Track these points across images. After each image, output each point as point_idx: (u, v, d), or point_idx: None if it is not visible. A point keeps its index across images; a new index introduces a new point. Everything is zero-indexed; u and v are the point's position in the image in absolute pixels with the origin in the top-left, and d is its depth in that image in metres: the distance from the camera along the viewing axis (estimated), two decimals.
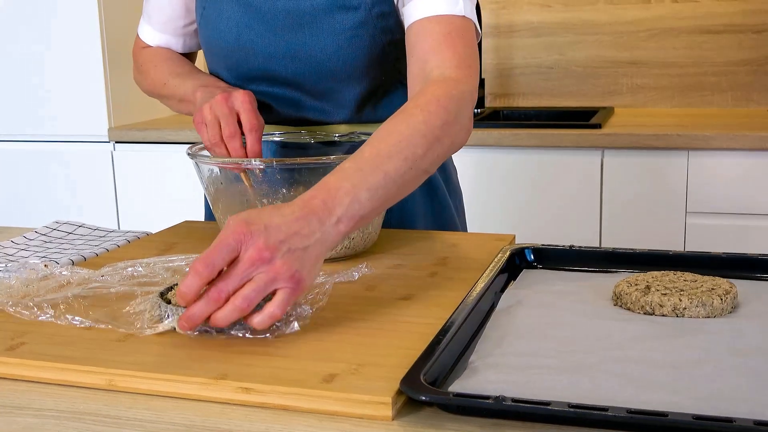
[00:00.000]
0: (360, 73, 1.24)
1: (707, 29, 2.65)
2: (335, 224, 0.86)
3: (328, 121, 1.28)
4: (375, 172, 0.91)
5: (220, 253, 0.79)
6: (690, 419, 0.61)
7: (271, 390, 0.71)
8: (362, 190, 0.89)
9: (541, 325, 0.84)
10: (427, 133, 0.97)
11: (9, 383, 0.79)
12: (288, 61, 1.23)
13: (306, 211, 0.85)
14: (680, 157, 2.20)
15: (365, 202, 0.89)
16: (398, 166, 0.93)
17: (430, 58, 1.08)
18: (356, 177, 0.90)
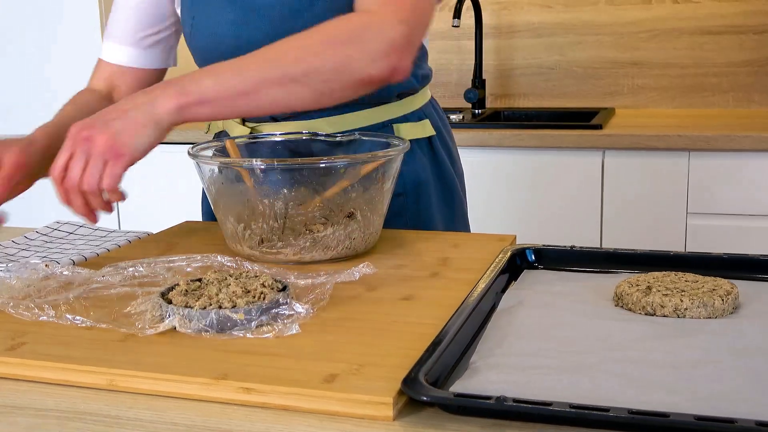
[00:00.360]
0: None
1: (708, 30, 2.65)
2: (169, 96, 0.94)
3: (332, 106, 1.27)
4: (231, 66, 0.97)
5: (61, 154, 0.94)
6: (691, 420, 0.61)
7: (272, 390, 0.71)
8: (207, 77, 0.96)
9: (542, 326, 0.84)
10: (305, 45, 1.00)
11: (10, 383, 0.79)
12: None
13: (141, 92, 0.96)
14: (681, 157, 2.20)
15: (208, 86, 0.95)
16: (257, 64, 0.98)
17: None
18: (206, 69, 0.97)
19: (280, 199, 1.07)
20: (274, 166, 1.07)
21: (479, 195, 2.34)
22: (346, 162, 1.07)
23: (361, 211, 1.10)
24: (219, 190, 1.12)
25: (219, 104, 0.96)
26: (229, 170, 1.10)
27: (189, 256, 1.05)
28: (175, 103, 0.94)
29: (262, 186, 1.07)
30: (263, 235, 1.08)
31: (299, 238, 1.07)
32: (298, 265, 1.07)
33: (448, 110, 2.74)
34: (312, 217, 1.08)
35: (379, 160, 1.09)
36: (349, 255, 1.11)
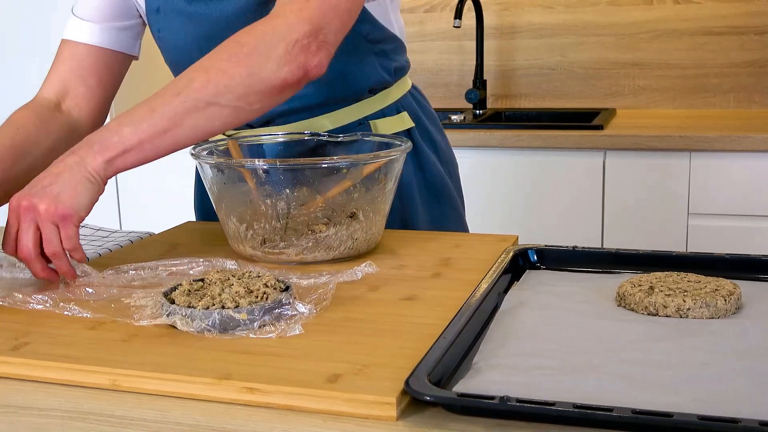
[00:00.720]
0: None
1: (709, 31, 2.65)
2: (94, 154, 0.97)
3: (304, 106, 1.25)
4: (142, 108, 0.99)
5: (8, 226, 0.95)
6: (695, 420, 0.61)
7: (276, 390, 0.71)
8: (125, 125, 0.98)
9: (544, 326, 0.84)
10: (207, 66, 1.00)
11: (13, 383, 0.79)
12: None
13: (66, 154, 0.98)
14: (682, 158, 2.21)
15: (128, 135, 0.98)
16: (167, 100, 0.98)
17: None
18: (125, 116, 0.98)
19: (283, 200, 1.07)
20: (277, 166, 1.07)
21: (481, 195, 2.34)
22: (348, 162, 1.07)
23: (363, 211, 1.10)
24: (221, 191, 1.12)
25: (143, 149, 0.99)
26: (232, 170, 1.10)
27: (192, 259, 1.05)
28: (101, 159, 0.97)
29: (264, 186, 1.07)
30: (265, 236, 1.09)
31: (301, 238, 1.07)
32: (301, 266, 1.07)
33: (450, 111, 2.74)
34: (314, 217, 1.08)
35: (381, 160, 1.09)
36: (352, 255, 1.11)
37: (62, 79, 1.28)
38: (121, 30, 1.30)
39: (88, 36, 1.28)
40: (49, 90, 1.28)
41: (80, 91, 1.28)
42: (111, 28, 1.29)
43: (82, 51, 1.29)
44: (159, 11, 1.26)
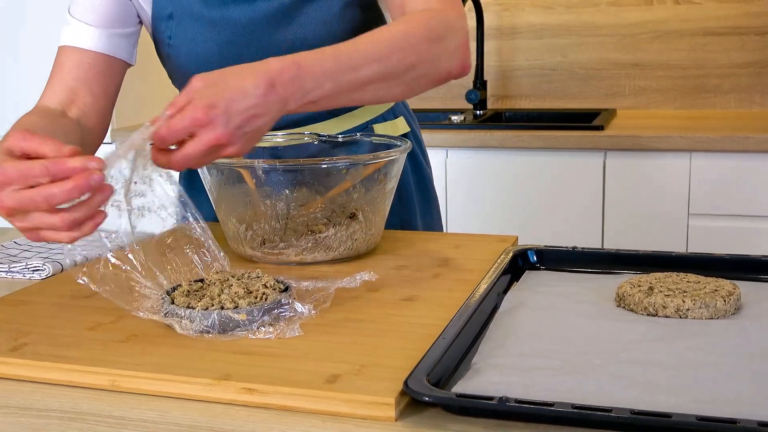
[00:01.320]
0: None
1: (710, 31, 2.65)
2: (296, 100, 0.91)
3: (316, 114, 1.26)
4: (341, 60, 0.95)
5: (182, 129, 0.84)
6: (693, 420, 0.61)
7: (274, 391, 0.71)
8: (328, 79, 0.93)
9: (543, 327, 0.84)
10: (403, 42, 0.98)
11: (13, 384, 0.79)
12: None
13: (268, 88, 0.89)
14: (683, 159, 2.20)
15: (329, 89, 0.93)
16: (368, 62, 0.96)
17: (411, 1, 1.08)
18: (328, 64, 0.93)
19: (282, 200, 1.07)
20: (276, 166, 1.07)
21: (481, 196, 2.34)
22: (348, 163, 1.07)
23: (363, 211, 1.10)
24: (221, 191, 1.12)
25: (329, 101, 0.95)
26: (231, 171, 1.10)
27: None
28: (297, 105, 0.92)
29: (263, 187, 1.07)
30: (265, 236, 1.09)
31: (301, 238, 1.07)
32: (300, 267, 1.07)
33: (450, 111, 2.74)
34: (314, 217, 1.08)
35: (381, 160, 1.09)
36: (351, 256, 1.11)
37: (67, 88, 1.22)
38: (122, 37, 1.25)
39: (94, 42, 1.22)
40: (53, 98, 1.22)
41: (87, 100, 1.23)
42: (114, 35, 1.24)
43: (87, 58, 1.23)
44: (172, 17, 1.23)
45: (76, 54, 1.23)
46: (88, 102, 1.22)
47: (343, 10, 1.20)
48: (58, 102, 1.21)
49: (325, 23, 1.20)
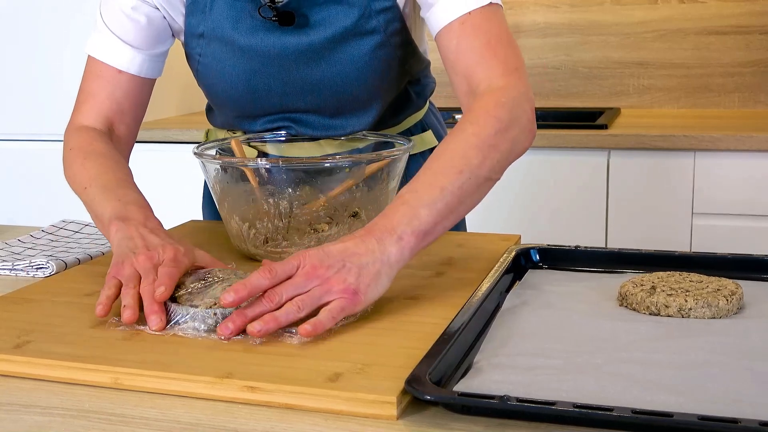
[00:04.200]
0: (381, 91, 1.24)
1: (714, 30, 2.64)
2: (396, 241, 0.88)
3: (346, 134, 1.27)
4: (431, 189, 0.93)
5: (282, 267, 0.85)
6: (695, 420, 0.61)
7: (277, 389, 0.72)
8: (420, 207, 0.91)
9: (546, 326, 0.84)
10: (480, 144, 0.97)
11: (15, 381, 0.79)
12: (306, 95, 1.22)
13: (364, 234, 0.88)
14: (687, 158, 2.20)
15: (425, 218, 0.91)
16: (453, 179, 0.94)
17: (474, 72, 1.06)
18: (413, 197, 0.92)
19: (285, 199, 1.07)
20: (279, 165, 1.07)
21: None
22: (350, 161, 1.07)
23: (365, 210, 1.10)
24: (224, 190, 1.12)
25: (435, 231, 0.93)
26: (234, 169, 1.10)
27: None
28: (409, 247, 0.90)
29: (266, 185, 1.08)
30: (268, 235, 1.09)
31: (304, 237, 1.07)
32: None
33: (453, 110, 2.74)
34: (317, 216, 1.08)
35: (383, 159, 1.09)
36: None
37: (108, 108, 1.21)
38: (158, 56, 1.24)
39: (136, 67, 1.21)
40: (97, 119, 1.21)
41: (126, 119, 1.23)
42: (153, 57, 1.22)
43: (125, 79, 1.21)
44: (203, 36, 1.21)
45: (113, 73, 1.21)
46: (126, 120, 1.23)
47: (375, 51, 1.19)
48: (102, 124, 1.21)
49: (354, 63, 1.19)
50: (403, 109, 1.31)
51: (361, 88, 1.21)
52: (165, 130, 2.57)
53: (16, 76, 2.70)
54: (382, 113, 1.27)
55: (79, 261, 1.15)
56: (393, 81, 1.24)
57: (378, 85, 1.22)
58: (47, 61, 2.65)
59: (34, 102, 2.70)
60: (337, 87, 1.21)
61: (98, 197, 1.06)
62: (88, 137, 1.17)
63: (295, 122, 1.26)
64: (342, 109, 1.24)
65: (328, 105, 1.23)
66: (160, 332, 0.85)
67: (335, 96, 1.22)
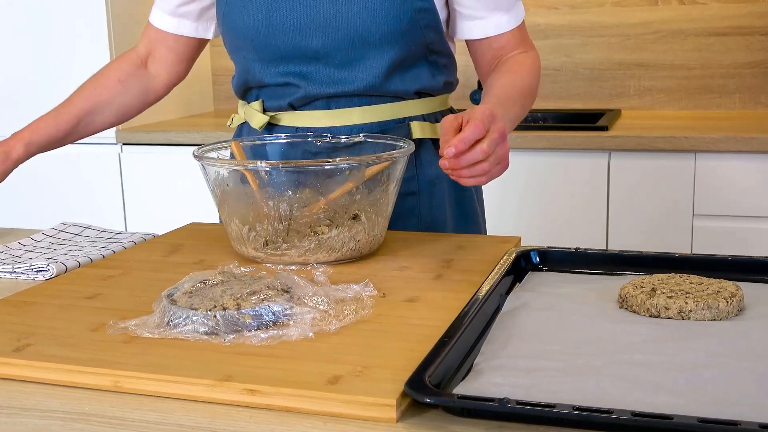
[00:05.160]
0: (391, 39, 1.25)
1: (715, 31, 2.64)
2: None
3: (354, 92, 1.28)
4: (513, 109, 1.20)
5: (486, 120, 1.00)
6: (695, 422, 0.61)
7: (276, 392, 0.72)
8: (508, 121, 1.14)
9: (546, 328, 0.84)
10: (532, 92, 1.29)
11: (15, 384, 0.79)
12: (320, 32, 1.25)
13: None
14: (687, 159, 2.20)
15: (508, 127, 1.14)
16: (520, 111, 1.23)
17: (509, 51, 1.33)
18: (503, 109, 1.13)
19: (285, 201, 1.07)
20: (279, 168, 1.07)
21: (485, 196, 2.33)
22: (350, 164, 1.07)
23: (365, 213, 1.10)
24: (224, 192, 1.12)
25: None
26: (234, 172, 1.10)
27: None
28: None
29: (266, 188, 1.08)
30: (268, 237, 1.09)
31: (304, 239, 1.07)
32: (302, 268, 1.07)
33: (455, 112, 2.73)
34: (317, 218, 1.08)
35: (383, 162, 1.09)
36: (354, 257, 1.11)
37: (151, 42, 1.44)
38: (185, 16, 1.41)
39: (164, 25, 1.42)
40: (142, 48, 1.45)
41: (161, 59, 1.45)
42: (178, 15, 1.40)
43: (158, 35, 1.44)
44: None
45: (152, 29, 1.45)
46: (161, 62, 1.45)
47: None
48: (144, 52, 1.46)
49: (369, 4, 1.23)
50: (417, 79, 1.31)
51: (372, 27, 1.24)
52: (166, 132, 2.58)
53: (16, 78, 2.70)
54: (391, 70, 1.28)
55: (80, 264, 1.15)
56: (406, 34, 1.26)
57: (390, 29, 1.24)
58: (47, 62, 2.65)
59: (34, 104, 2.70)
60: (350, 24, 1.24)
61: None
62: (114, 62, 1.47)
63: (304, 77, 1.28)
64: (351, 56, 1.26)
65: (338, 47, 1.25)
66: (160, 336, 0.84)
67: (346, 35, 1.24)
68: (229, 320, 0.84)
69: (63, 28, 2.62)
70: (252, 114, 1.36)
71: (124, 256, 1.18)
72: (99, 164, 2.67)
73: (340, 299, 0.92)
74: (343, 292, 0.94)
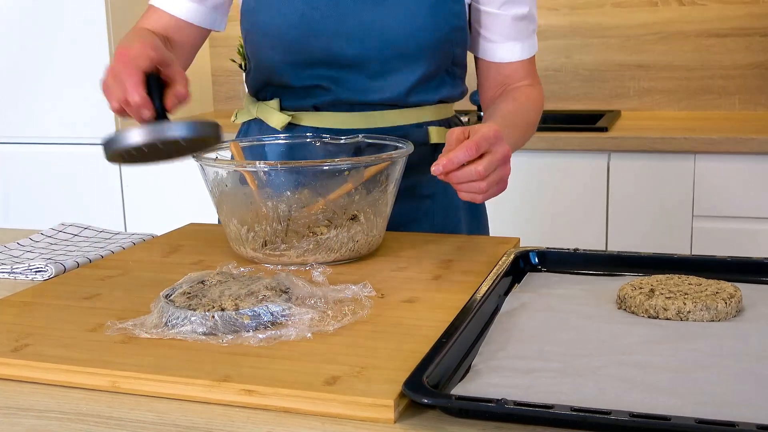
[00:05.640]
0: (425, 53, 1.26)
1: (715, 32, 2.64)
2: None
3: (379, 102, 1.28)
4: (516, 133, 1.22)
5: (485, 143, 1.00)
6: (693, 423, 0.61)
7: (274, 392, 0.71)
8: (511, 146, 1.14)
9: (544, 329, 0.84)
10: (532, 125, 1.31)
11: (13, 384, 0.79)
12: (355, 40, 1.24)
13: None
14: (687, 160, 2.20)
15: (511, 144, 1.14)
16: (517, 137, 1.24)
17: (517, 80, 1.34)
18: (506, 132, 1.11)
19: (284, 202, 1.07)
20: (278, 168, 1.07)
21: None
22: (349, 165, 1.07)
23: (364, 213, 1.10)
24: (222, 193, 1.12)
25: None
26: (233, 172, 1.10)
27: None
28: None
29: (265, 188, 1.07)
30: (267, 238, 1.09)
31: (302, 240, 1.07)
32: (301, 269, 1.07)
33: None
34: (315, 219, 1.08)
35: (382, 162, 1.09)
36: (353, 257, 1.11)
37: (165, 28, 1.29)
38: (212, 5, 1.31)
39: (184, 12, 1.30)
40: (155, 25, 1.30)
41: (178, 47, 1.30)
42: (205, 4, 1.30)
43: (174, 22, 1.30)
44: None
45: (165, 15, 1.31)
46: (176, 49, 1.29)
47: (433, 6, 1.23)
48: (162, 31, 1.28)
49: (410, 11, 1.23)
50: (439, 89, 1.32)
51: (410, 40, 1.24)
52: None
53: (16, 79, 2.70)
54: (419, 83, 1.28)
55: (78, 264, 1.15)
56: (439, 46, 1.27)
57: (426, 43, 1.25)
58: (48, 64, 2.65)
59: (34, 105, 2.70)
60: (388, 36, 1.23)
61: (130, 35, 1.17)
62: (142, 29, 1.25)
63: (335, 82, 1.27)
64: (385, 67, 1.26)
65: (373, 58, 1.25)
66: (157, 336, 0.84)
67: (384, 46, 1.24)
68: (227, 321, 0.84)
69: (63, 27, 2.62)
70: (269, 112, 1.33)
71: (122, 257, 1.18)
72: (99, 165, 2.67)
73: (338, 300, 0.92)
74: (341, 293, 0.94)
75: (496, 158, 1.01)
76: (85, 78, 2.62)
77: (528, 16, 1.34)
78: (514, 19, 1.31)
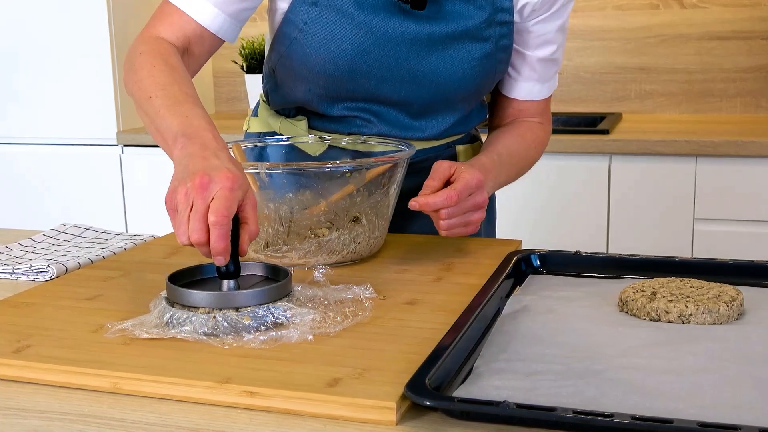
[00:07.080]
0: (467, 98, 1.27)
1: (716, 35, 2.64)
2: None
3: (417, 138, 1.28)
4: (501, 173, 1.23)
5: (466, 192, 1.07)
6: (695, 426, 0.61)
7: (276, 394, 0.71)
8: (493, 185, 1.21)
9: (546, 331, 0.84)
10: (530, 165, 1.36)
11: (15, 385, 0.79)
12: (404, 85, 1.21)
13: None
14: (688, 163, 2.20)
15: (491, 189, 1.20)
16: (509, 175, 1.28)
17: (529, 116, 1.34)
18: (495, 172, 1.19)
19: (285, 203, 1.07)
20: (280, 170, 1.07)
21: None
22: (351, 166, 1.07)
23: (366, 215, 1.10)
24: None
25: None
26: None
27: None
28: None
29: (267, 190, 1.07)
30: (268, 239, 1.09)
31: (304, 242, 1.07)
32: (302, 271, 1.07)
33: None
34: (317, 221, 1.08)
35: (384, 164, 1.09)
36: (355, 259, 1.11)
37: (187, 37, 1.16)
38: (241, 20, 1.19)
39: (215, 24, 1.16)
40: (175, 41, 1.15)
41: (197, 58, 1.19)
42: (237, 18, 1.18)
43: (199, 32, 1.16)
44: (316, 5, 1.17)
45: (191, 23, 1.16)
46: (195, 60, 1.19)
47: (483, 58, 1.22)
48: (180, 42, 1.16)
49: (462, 65, 1.21)
50: (471, 120, 1.34)
51: (459, 90, 1.24)
52: None
53: (16, 79, 2.70)
54: (457, 123, 1.30)
55: (80, 265, 1.15)
56: (482, 92, 1.29)
57: (473, 92, 1.26)
58: (48, 64, 2.66)
59: (35, 106, 2.70)
60: (439, 84, 1.22)
61: (164, 110, 1.01)
62: (163, 47, 1.12)
63: (376, 116, 1.26)
64: (429, 109, 1.26)
65: (419, 101, 1.24)
66: (158, 335, 0.84)
67: (432, 93, 1.23)
68: (228, 321, 0.84)
69: (64, 27, 2.62)
70: (296, 132, 1.29)
71: (124, 258, 1.18)
72: (100, 165, 2.68)
73: (339, 301, 0.92)
74: (342, 294, 0.94)
75: (466, 205, 1.08)
76: (86, 78, 2.63)
77: (555, 59, 1.31)
78: (540, 60, 1.29)
